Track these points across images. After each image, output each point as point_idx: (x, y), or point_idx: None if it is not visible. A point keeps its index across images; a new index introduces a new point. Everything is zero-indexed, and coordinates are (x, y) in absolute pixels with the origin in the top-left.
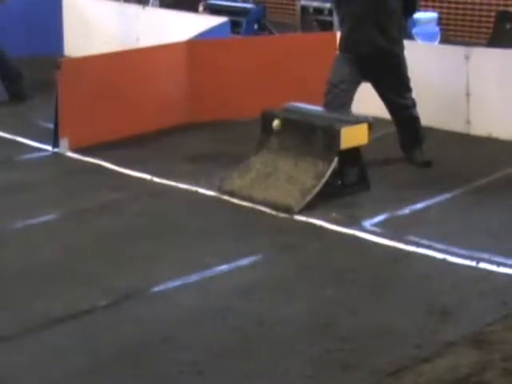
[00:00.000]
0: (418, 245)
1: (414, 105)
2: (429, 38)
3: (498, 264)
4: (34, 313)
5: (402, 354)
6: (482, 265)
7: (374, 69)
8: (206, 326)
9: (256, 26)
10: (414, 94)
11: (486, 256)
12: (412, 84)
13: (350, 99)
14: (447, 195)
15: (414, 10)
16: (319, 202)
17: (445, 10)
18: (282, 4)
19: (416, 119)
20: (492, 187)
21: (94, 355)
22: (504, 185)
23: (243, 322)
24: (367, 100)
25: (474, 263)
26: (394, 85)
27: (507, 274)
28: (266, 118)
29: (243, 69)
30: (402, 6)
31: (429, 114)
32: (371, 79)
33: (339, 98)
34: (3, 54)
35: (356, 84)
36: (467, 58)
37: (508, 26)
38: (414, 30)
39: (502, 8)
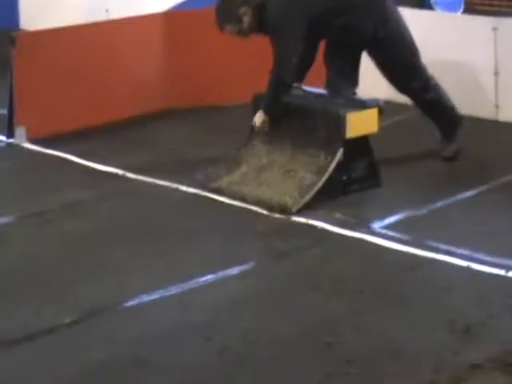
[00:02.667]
0: (437, 250)
1: (431, 86)
2: (450, 7)
3: None
4: None
5: (417, 380)
6: None
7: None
8: (187, 345)
9: None
10: (432, 74)
11: None
12: (430, 62)
13: (356, 79)
14: (471, 192)
15: None
16: (321, 201)
17: None
18: None
19: (438, 103)
20: None
21: (57, 382)
22: None
23: (230, 342)
24: (377, 81)
25: (502, 272)
26: (399, 66)
27: None
28: (259, 103)
29: (230, 45)
30: None
31: (450, 96)
32: (372, 58)
33: (342, 78)
34: None
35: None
36: (495, 30)
37: None
38: None
39: None
